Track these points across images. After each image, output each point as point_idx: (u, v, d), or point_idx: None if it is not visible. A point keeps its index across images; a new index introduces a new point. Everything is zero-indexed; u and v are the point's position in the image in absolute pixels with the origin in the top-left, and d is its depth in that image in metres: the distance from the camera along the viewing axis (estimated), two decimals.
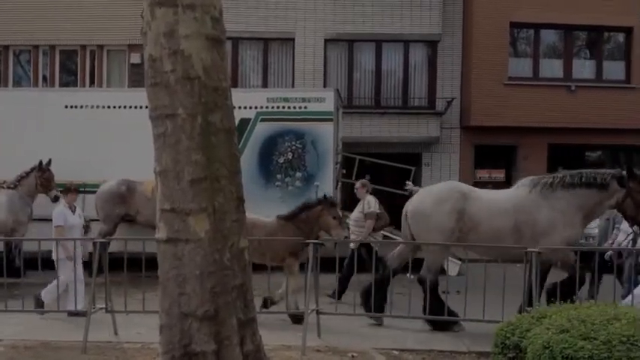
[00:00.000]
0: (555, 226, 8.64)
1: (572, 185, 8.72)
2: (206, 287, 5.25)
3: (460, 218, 8.70)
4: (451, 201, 8.77)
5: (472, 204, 8.77)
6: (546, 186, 8.82)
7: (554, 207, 8.66)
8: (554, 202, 8.69)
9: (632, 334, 4.87)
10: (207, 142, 5.27)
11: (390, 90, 18.96)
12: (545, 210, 8.67)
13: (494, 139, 18.95)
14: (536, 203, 8.75)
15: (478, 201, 8.85)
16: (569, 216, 8.67)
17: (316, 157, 13.22)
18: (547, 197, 8.74)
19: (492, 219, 8.71)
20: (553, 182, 8.81)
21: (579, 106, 18.31)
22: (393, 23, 18.31)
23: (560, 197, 8.70)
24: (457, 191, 8.93)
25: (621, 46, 19.57)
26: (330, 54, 18.77)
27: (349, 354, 7.33)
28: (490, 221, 8.70)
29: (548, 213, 8.65)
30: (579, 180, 8.73)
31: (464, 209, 8.71)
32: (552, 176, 8.96)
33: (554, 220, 8.64)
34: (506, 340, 5.85)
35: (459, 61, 19.10)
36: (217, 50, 5.41)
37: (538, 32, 19.39)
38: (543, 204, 8.71)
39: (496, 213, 8.75)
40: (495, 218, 8.71)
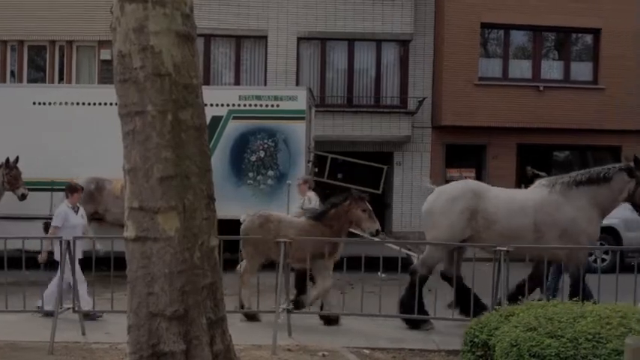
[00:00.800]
0: (578, 224, 8.80)
1: (587, 182, 8.90)
2: (175, 286, 5.19)
3: (473, 217, 8.79)
4: (463, 200, 8.86)
5: (487, 202, 8.87)
6: (564, 185, 8.97)
7: (575, 205, 8.82)
8: (575, 200, 8.84)
9: (598, 331, 4.93)
10: (177, 140, 5.22)
11: (363, 89, 19.01)
12: (567, 209, 8.81)
13: (464, 139, 19.13)
14: (556, 203, 8.88)
15: (495, 199, 8.94)
16: (588, 213, 8.85)
17: (288, 155, 13.21)
18: (567, 196, 8.89)
19: (511, 218, 8.80)
20: (570, 181, 8.98)
21: (548, 107, 18.56)
22: (365, 22, 18.36)
23: (579, 195, 8.85)
24: (470, 190, 9.03)
25: (589, 47, 19.87)
26: (303, 52, 18.76)
27: (320, 353, 7.32)
28: (508, 220, 8.79)
29: (570, 212, 8.80)
30: (593, 177, 8.92)
31: (477, 208, 8.80)
32: (568, 175, 9.13)
33: (576, 219, 8.79)
34: (474, 339, 5.90)
35: (430, 60, 19.22)
36: (188, 47, 5.36)
37: (508, 33, 19.60)
38: (564, 203, 8.85)
39: (515, 212, 8.85)
40: (514, 217, 8.81)
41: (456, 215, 8.78)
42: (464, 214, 8.76)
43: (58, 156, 12.50)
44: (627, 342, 3.94)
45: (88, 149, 12.46)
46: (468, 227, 8.80)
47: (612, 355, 4.63)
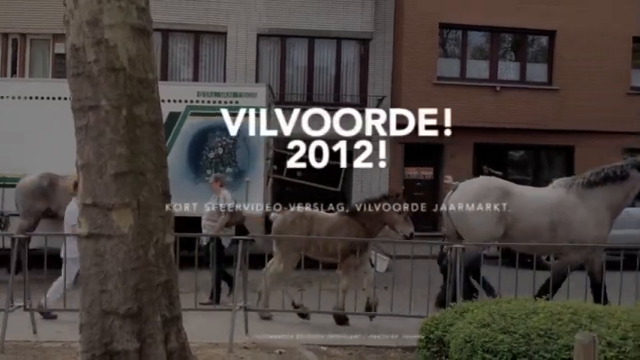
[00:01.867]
0: (587, 226, 8.93)
1: (602, 182, 9.03)
2: (129, 284, 5.12)
3: (502, 215, 8.92)
4: (492, 197, 8.98)
5: (514, 200, 9.00)
6: (581, 186, 9.11)
7: (589, 207, 8.96)
8: (590, 201, 8.99)
9: (550, 327, 5.03)
10: (132, 135, 5.14)
11: (322, 86, 19.03)
12: (581, 210, 8.96)
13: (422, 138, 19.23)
14: (572, 203, 9.03)
15: (520, 197, 9.09)
16: (600, 215, 8.99)
17: (247, 152, 13.13)
18: (583, 197, 9.04)
19: (531, 216, 8.96)
20: (585, 182, 9.11)
21: (504, 107, 18.85)
22: (325, 20, 18.38)
23: (593, 196, 9.00)
24: (497, 187, 9.16)
25: (544, 48, 20.23)
26: (263, 49, 18.68)
27: (277, 350, 7.30)
28: (529, 218, 8.95)
29: (582, 213, 8.95)
30: (606, 176, 9.04)
31: (505, 206, 8.92)
32: (582, 176, 9.27)
33: (586, 220, 8.92)
34: (430, 335, 5.96)
35: (390, 59, 19.33)
36: (143, 41, 5.28)
37: (466, 34, 19.83)
38: (579, 204, 9.01)
39: (535, 211, 9.00)
40: (534, 216, 8.97)
41: (488, 214, 8.89)
42: (493, 213, 8.88)
43: (9, 151, 12.20)
44: (577, 338, 4.02)
45: (41, 144, 12.18)
46: (500, 225, 8.94)
47: (563, 351, 4.72)
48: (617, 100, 19.35)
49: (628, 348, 4.74)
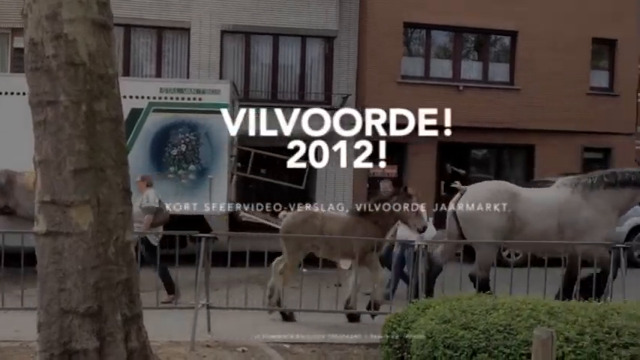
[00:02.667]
0: (594, 227, 9.03)
1: (610, 185, 9.13)
2: (89, 282, 5.06)
3: (510, 218, 9.01)
4: (502, 201, 9.04)
5: (521, 204, 9.09)
6: (587, 186, 9.19)
7: (596, 207, 9.06)
8: (596, 201, 9.08)
9: (509, 323, 5.10)
10: (91, 131, 5.07)
11: (287, 84, 18.97)
12: (587, 210, 9.05)
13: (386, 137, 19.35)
14: (578, 204, 9.12)
15: (526, 201, 9.17)
16: (607, 215, 9.10)
17: (210, 149, 13.03)
18: (588, 197, 9.13)
19: (539, 219, 9.05)
20: (592, 182, 9.19)
21: (467, 106, 19.03)
22: (290, 17, 18.33)
23: (600, 197, 9.09)
24: (506, 191, 9.24)
25: (506, 49, 20.50)
26: (227, 46, 18.53)
27: (239, 348, 7.28)
28: (537, 221, 9.04)
29: (589, 213, 9.03)
30: (616, 179, 9.14)
31: (514, 209, 9.02)
32: (589, 177, 9.37)
33: (594, 221, 9.02)
34: (392, 332, 6.00)
35: (354, 58, 19.36)
36: (104, 36, 5.21)
37: (429, 33, 19.99)
38: (585, 204, 9.10)
39: (543, 213, 9.09)
40: (542, 219, 9.06)
41: (497, 216, 8.98)
42: (503, 215, 8.98)
43: None
44: (535, 333, 4.09)
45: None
46: (507, 228, 9.01)
47: (522, 346, 4.79)
48: (577, 100, 19.71)
49: (585, 343, 4.83)
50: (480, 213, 9.09)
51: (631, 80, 20.83)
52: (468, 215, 9.21)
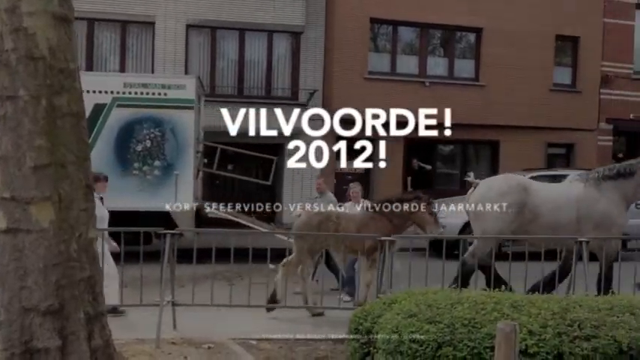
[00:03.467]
0: (611, 217, 9.33)
1: (616, 177, 9.46)
2: (50, 280, 4.97)
3: (520, 211, 9.18)
4: (513, 194, 9.25)
5: (534, 197, 9.32)
6: (597, 180, 9.48)
7: (609, 199, 9.35)
8: (608, 193, 9.38)
9: (473, 316, 5.14)
10: (52, 127, 4.98)
11: (254, 79, 18.89)
12: (602, 202, 9.33)
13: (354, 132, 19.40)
14: (593, 197, 9.39)
15: (539, 194, 9.42)
16: (619, 206, 9.43)
17: (176, 145, 12.91)
18: (601, 190, 9.42)
19: (555, 212, 9.29)
20: (600, 176, 9.50)
21: (433, 102, 19.14)
22: (256, 12, 18.23)
23: (611, 189, 9.40)
24: (518, 184, 9.47)
25: (472, 45, 20.70)
26: (193, 40, 18.37)
27: (206, 345, 7.23)
28: (552, 213, 9.27)
29: (604, 205, 9.32)
30: (621, 171, 9.49)
31: (525, 202, 9.22)
32: (596, 171, 9.71)
33: (609, 212, 9.31)
34: (359, 326, 6.01)
35: (321, 53, 19.36)
36: (65, 29, 5.11)
37: (396, 29, 20.08)
38: (599, 197, 9.38)
39: (559, 206, 9.35)
40: (558, 211, 9.30)
41: (504, 209, 9.15)
42: (512, 208, 9.16)
43: None
44: (499, 326, 4.13)
45: None
46: (515, 221, 9.21)
47: (486, 339, 4.83)
48: (541, 96, 20.01)
49: (547, 336, 4.90)
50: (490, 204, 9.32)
51: (593, 77, 21.22)
52: (477, 210, 9.47)
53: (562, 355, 4.83)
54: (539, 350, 4.80)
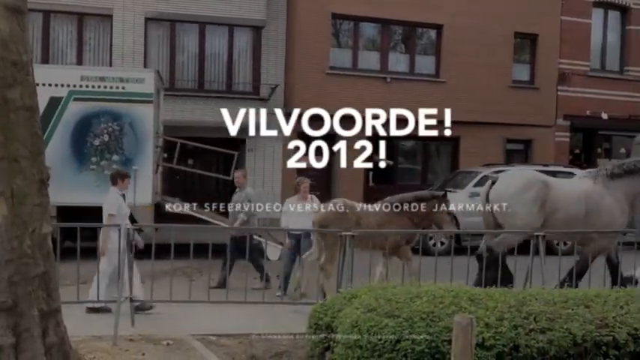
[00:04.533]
0: (613, 214, 9.59)
1: (623, 174, 9.72)
2: (3, 277, 4.87)
3: (542, 205, 9.45)
4: (535, 189, 9.50)
5: (552, 192, 9.57)
6: (605, 177, 9.75)
7: (614, 196, 9.63)
8: (613, 191, 9.66)
9: (432, 310, 5.19)
10: (4, 121, 4.87)
11: (214, 74, 18.70)
12: (608, 199, 9.60)
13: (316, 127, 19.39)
14: (600, 193, 9.68)
15: (557, 189, 9.69)
16: (623, 204, 9.67)
17: (135, 139, 12.73)
18: (608, 187, 9.68)
19: (569, 206, 9.60)
20: (608, 173, 9.77)
21: (394, 98, 19.27)
22: (217, 6, 18.03)
23: (616, 187, 9.66)
24: (539, 180, 9.72)
25: (433, 42, 20.86)
26: (151, 34, 18.10)
27: (164, 342, 7.15)
28: (567, 208, 9.57)
29: (609, 202, 9.60)
30: (627, 169, 9.74)
31: (546, 197, 9.47)
32: (605, 168, 10.02)
33: (613, 209, 9.60)
34: (319, 321, 6.01)
35: (282, 48, 19.29)
36: (17, 21, 4.99)
37: (357, 25, 20.11)
38: (606, 193, 9.65)
39: (572, 201, 9.65)
40: (572, 205, 9.62)
41: (530, 204, 9.41)
42: (536, 203, 9.41)
43: None
44: (456, 319, 4.17)
45: None
46: (541, 215, 9.40)
47: (444, 332, 4.88)
48: (500, 93, 20.27)
49: (504, 329, 4.97)
50: (514, 202, 9.49)
51: (551, 74, 21.58)
52: (500, 201, 9.60)
53: (518, 347, 4.90)
54: (496, 343, 4.86)
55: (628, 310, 5.39)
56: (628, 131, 21.46)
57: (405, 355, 4.89)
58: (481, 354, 4.76)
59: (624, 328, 5.10)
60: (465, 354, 3.98)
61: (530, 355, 4.89)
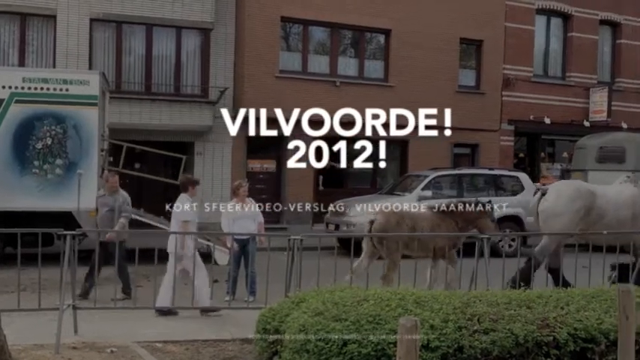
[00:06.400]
0: None
1: None
2: None
3: (587, 214, 10.08)
4: (582, 199, 10.13)
5: (600, 200, 10.21)
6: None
7: None
8: None
9: (378, 313, 5.22)
10: None
11: (162, 76, 18.43)
12: None
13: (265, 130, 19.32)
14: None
15: (604, 196, 10.31)
16: None
17: (79, 143, 12.47)
18: None
19: (618, 211, 10.22)
20: None
21: (343, 102, 19.35)
22: (164, 7, 17.80)
23: None
24: (586, 190, 10.35)
25: (381, 46, 21.06)
26: (97, 35, 17.73)
27: (108, 349, 7.00)
28: (616, 213, 10.19)
29: None
30: None
31: (593, 206, 10.11)
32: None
33: None
34: (267, 326, 5.99)
35: (232, 51, 19.18)
36: None
37: (307, 29, 20.15)
38: None
39: (620, 206, 10.27)
40: (620, 210, 10.24)
41: (574, 213, 10.02)
42: (580, 212, 10.04)
43: None
44: (401, 322, 4.18)
45: None
46: (582, 222, 10.03)
47: (390, 335, 4.91)
48: (447, 97, 20.54)
49: (448, 330, 5.03)
50: (559, 212, 10.11)
51: (496, 79, 22.05)
52: (549, 213, 10.22)
53: (462, 348, 4.97)
54: (440, 344, 4.92)
55: (568, 310, 5.54)
56: (570, 136, 22.09)
57: (352, 357, 4.90)
58: (426, 355, 4.82)
59: (564, 328, 5.22)
60: (409, 356, 4.00)
61: (474, 355, 4.97)
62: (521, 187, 16.68)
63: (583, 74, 23.48)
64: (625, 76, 24.25)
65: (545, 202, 10.39)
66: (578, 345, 5.18)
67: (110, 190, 10.26)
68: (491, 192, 16.68)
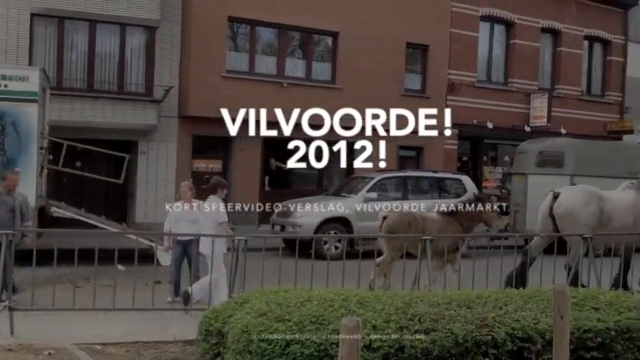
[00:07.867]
0: None
1: None
2: None
3: (600, 217, 10.60)
4: (595, 202, 10.65)
5: (607, 204, 10.74)
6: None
7: None
8: None
9: (322, 313, 5.24)
10: None
11: (105, 74, 18.03)
12: None
13: (211, 130, 19.15)
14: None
15: (610, 201, 10.85)
16: None
17: (18, 140, 12.14)
18: None
19: (622, 216, 10.76)
20: None
21: (290, 103, 19.34)
22: (108, 4, 17.42)
23: None
24: (596, 195, 10.83)
25: (329, 49, 21.14)
26: (38, 30, 17.25)
27: (46, 351, 6.81)
28: (621, 218, 10.73)
29: None
30: None
31: (603, 209, 10.65)
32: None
33: None
34: (209, 327, 5.95)
35: (178, 49, 18.94)
36: None
37: (254, 29, 20.08)
38: None
39: (624, 211, 10.82)
40: (624, 215, 10.78)
41: (590, 215, 10.54)
42: (596, 215, 10.58)
43: None
44: (343, 322, 4.20)
45: None
46: (597, 225, 10.43)
47: (332, 336, 4.93)
48: (393, 100, 20.71)
49: (390, 330, 5.09)
50: (577, 214, 10.58)
51: (441, 84, 22.39)
52: (566, 216, 10.61)
53: (403, 348, 5.03)
54: (382, 344, 4.97)
55: (506, 310, 5.66)
56: (512, 140, 22.59)
57: (295, 358, 4.90)
58: (368, 356, 4.85)
59: (503, 327, 5.34)
60: (351, 356, 4.03)
61: (415, 355, 5.03)
62: (464, 189, 16.98)
63: (524, 80, 24.07)
64: (564, 82, 24.97)
65: (561, 206, 10.78)
66: (516, 344, 5.30)
67: (7, 188, 9.78)
68: (435, 194, 16.95)
